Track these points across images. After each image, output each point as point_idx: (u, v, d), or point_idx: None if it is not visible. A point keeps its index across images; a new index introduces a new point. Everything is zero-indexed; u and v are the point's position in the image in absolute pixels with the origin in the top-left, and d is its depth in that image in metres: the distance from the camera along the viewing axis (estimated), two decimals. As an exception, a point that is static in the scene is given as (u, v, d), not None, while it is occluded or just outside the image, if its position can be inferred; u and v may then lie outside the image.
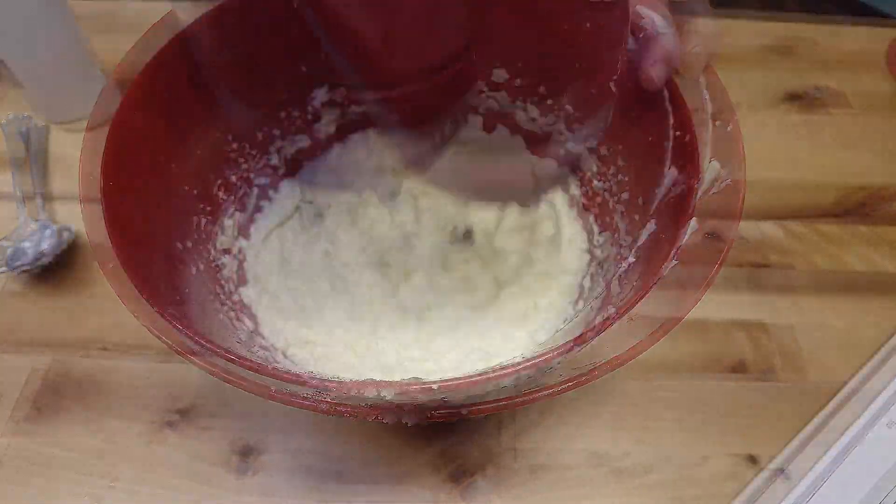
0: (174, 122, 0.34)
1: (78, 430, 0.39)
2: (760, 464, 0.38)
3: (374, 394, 0.22)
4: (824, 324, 0.44)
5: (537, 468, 0.38)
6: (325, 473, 0.38)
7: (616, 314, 0.24)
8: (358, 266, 0.41)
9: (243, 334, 0.34)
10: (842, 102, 0.58)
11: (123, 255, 0.26)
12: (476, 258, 0.42)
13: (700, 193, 0.30)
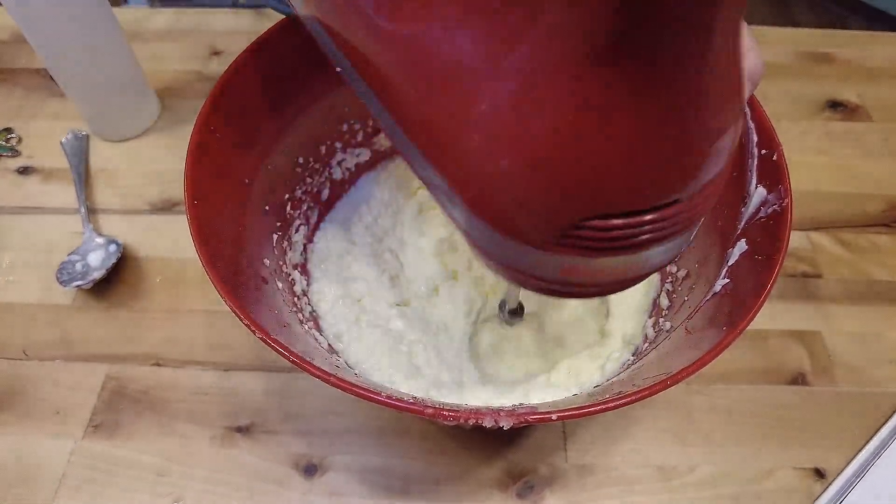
0: (248, 139, 0.34)
1: (151, 437, 0.39)
2: (827, 477, 0.38)
3: (491, 423, 0.22)
4: (881, 334, 0.44)
5: (603, 483, 0.38)
6: (391, 489, 0.37)
7: (728, 338, 0.24)
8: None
9: (324, 347, 0.34)
10: (884, 109, 0.58)
11: (218, 274, 0.26)
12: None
13: (746, 218, 0.30)
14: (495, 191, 0.18)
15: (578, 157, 0.16)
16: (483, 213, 0.18)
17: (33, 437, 0.39)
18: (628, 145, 0.16)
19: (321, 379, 0.23)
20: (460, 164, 0.18)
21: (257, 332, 0.24)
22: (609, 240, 0.18)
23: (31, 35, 0.46)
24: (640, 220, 0.17)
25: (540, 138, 0.16)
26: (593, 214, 0.17)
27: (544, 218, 0.18)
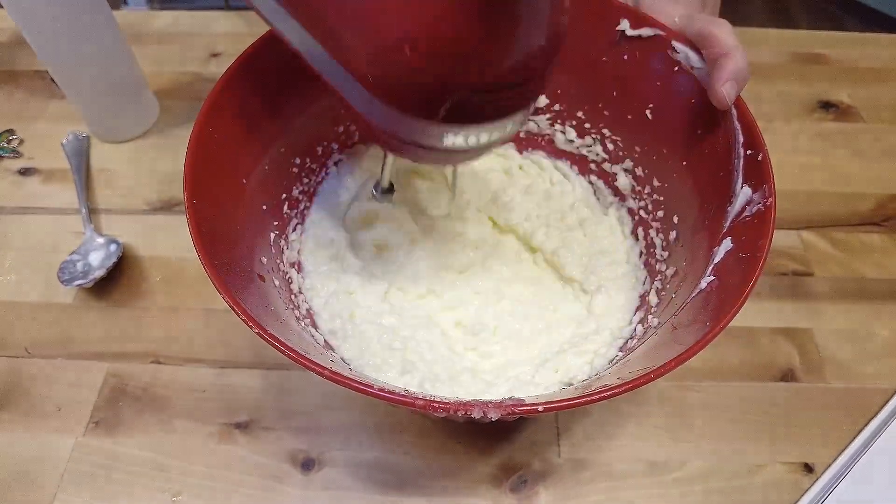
0: (245, 140, 0.35)
1: (150, 433, 0.40)
2: (816, 472, 0.39)
3: (479, 415, 0.22)
4: (870, 331, 0.45)
5: (595, 478, 0.38)
6: (387, 484, 0.38)
7: (712, 333, 0.24)
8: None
9: (321, 343, 0.35)
10: (875, 110, 0.59)
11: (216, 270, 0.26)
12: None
13: (732, 217, 0.31)
14: (390, 70, 0.22)
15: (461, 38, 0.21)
16: (379, 90, 0.23)
17: (35, 434, 0.40)
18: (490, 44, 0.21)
19: (315, 371, 0.23)
20: (359, 49, 0.23)
21: (254, 328, 0.25)
22: (479, 110, 0.24)
23: (32, 38, 0.46)
24: (500, 94, 0.24)
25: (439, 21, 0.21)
26: (468, 89, 0.23)
27: (436, 92, 0.23)
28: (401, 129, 0.25)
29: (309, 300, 0.39)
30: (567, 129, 0.44)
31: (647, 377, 0.23)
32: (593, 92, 0.41)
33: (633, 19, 0.37)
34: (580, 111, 0.42)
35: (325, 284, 0.40)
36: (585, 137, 0.44)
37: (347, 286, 0.40)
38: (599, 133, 0.42)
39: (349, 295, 0.39)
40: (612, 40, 0.38)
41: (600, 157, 0.44)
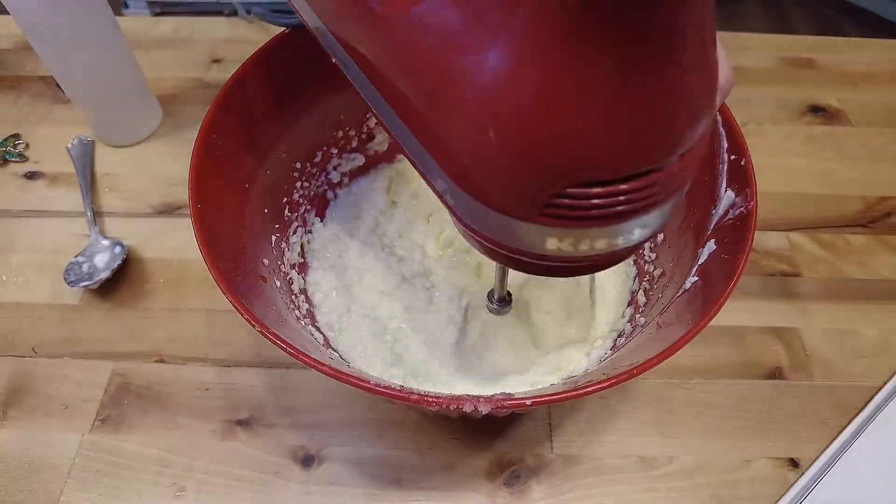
0: (247, 146, 0.36)
1: (154, 430, 0.41)
2: (801, 467, 0.40)
3: (470, 409, 0.24)
4: (855, 330, 0.46)
5: (587, 473, 0.40)
6: (384, 479, 0.39)
7: (693, 331, 0.26)
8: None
9: (321, 342, 0.36)
10: (862, 113, 0.60)
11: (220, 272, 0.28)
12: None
13: (716, 219, 0.32)
14: (478, 164, 0.19)
15: (553, 127, 0.17)
16: (468, 186, 0.20)
17: (42, 431, 0.41)
18: (599, 114, 0.17)
19: (315, 367, 0.24)
20: (446, 141, 0.19)
21: (256, 326, 0.26)
22: (589, 208, 0.18)
23: (37, 44, 0.48)
24: (617, 188, 0.18)
25: (517, 111, 0.17)
26: (572, 184, 0.18)
27: (525, 188, 0.18)
28: (492, 230, 0.21)
29: (311, 294, 0.40)
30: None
31: (629, 373, 0.24)
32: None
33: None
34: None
35: (327, 280, 0.41)
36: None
37: (347, 281, 0.41)
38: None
39: (347, 290, 0.41)
40: None
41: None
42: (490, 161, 0.18)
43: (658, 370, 0.43)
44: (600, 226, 0.19)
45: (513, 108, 0.17)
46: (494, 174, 0.19)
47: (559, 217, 0.19)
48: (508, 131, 0.17)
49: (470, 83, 0.18)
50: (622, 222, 0.19)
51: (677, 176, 0.19)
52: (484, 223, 0.21)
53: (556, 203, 0.18)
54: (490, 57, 0.17)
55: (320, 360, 0.24)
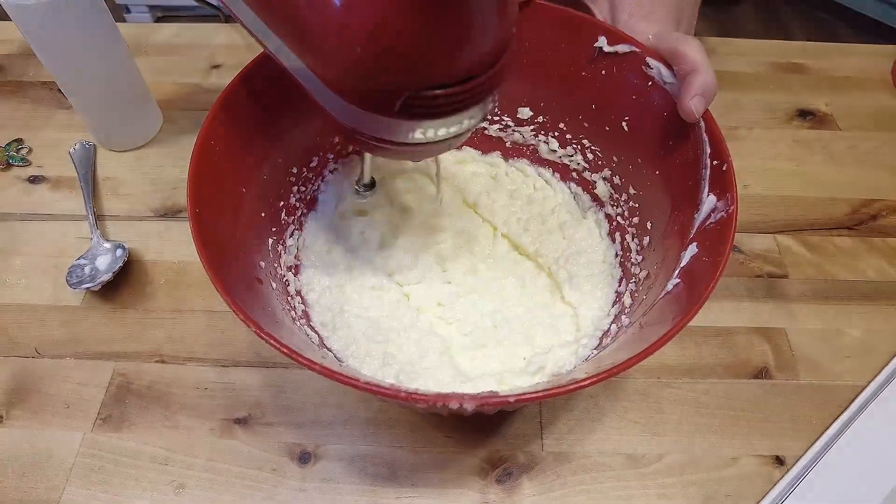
0: (244, 151, 0.37)
1: (155, 429, 0.42)
2: (787, 464, 0.41)
3: (456, 406, 0.25)
4: (841, 331, 0.47)
5: (577, 470, 0.41)
6: (379, 476, 0.40)
7: (671, 332, 0.27)
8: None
9: (315, 343, 0.37)
10: (850, 118, 0.61)
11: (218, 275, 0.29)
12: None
13: (698, 223, 0.33)
14: (350, 74, 0.25)
15: (398, 45, 0.24)
16: (343, 90, 0.26)
17: (45, 430, 0.42)
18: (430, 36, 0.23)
19: (307, 366, 0.25)
20: (324, 59, 0.26)
21: (252, 326, 0.27)
22: (432, 106, 0.26)
23: (39, 50, 0.49)
24: (452, 91, 0.25)
25: (379, 31, 0.23)
26: (420, 87, 0.25)
27: (386, 93, 0.25)
28: (367, 126, 0.27)
29: (304, 294, 0.41)
30: (550, 140, 0.46)
31: (610, 371, 0.25)
32: (574, 105, 0.43)
33: (610, 36, 0.39)
34: (562, 123, 0.45)
35: (320, 279, 0.42)
36: (567, 147, 0.46)
37: (339, 280, 0.43)
38: (580, 143, 0.45)
39: (340, 288, 0.42)
40: (591, 56, 0.40)
41: (581, 166, 0.46)
42: (358, 71, 0.25)
43: (647, 370, 0.44)
44: (442, 117, 0.27)
45: (373, 29, 0.23)
46: (362, 82, 0.25)
47: (412, 113, 0.26)
48: (370, 47, 0.24)
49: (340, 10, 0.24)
50: (456, 114, 0.27)
51: (491, 80, 0.27)
52: (358, 120, 0.27)
53: (410, 103, 0.26)
54: None
55: (312, 360, 0.25)
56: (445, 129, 0.28)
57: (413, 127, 0.27)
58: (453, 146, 0.31)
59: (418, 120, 0.27)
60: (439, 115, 0.27)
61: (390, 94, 0.25)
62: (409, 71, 0.25)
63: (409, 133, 0.27)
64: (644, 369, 0.44)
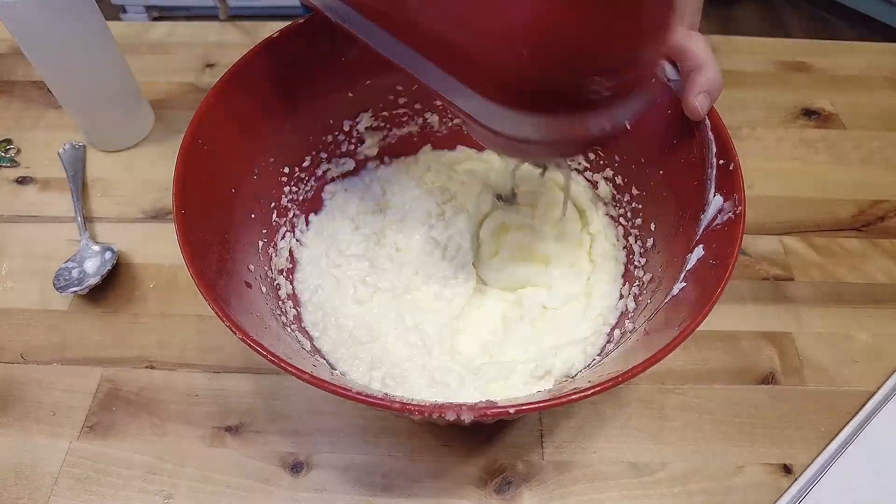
0: (234, 151, 0.36)
1: (144, 437, 0.40)
2: (794, 473, 0.40)
3: (453, 417, 0.23)
4: (848, 335, 0.46)
5: (578, 479, 0.39)
6: (374, 486, 0.39)
7: (678, 338, 0.25)
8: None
9: (307, 349, 0.36)
10: (856, 117, 0.60)
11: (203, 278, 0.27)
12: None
13: (704, 225, 0.32)
14: (517, 77, 0.24)
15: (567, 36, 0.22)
16: (507, 97, 0.25)
17: (30, 438, 0.40)
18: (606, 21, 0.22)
19: (295, 375, 0.24)
20: (478, 66, 0.24)
21: (237, 333, 0.26)
22: (602, 91, 0.24)
23: (29, 49, 0.48)
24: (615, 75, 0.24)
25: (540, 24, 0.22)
26: (590, 73, 0.23)
27: (554, 87, 0.24)
28: (521, 129, 0.26)
29: (298, 292, 0.40)
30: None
31: (615, 380, 0.24)
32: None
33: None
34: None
35: (315, 277, 0.41)
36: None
37: (335, 278, 0.42)
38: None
39: (336, 281, 0.41)
40: None
41: (582, 166, 0.45)
42: (526, 72, 0.23)
43: (650, 375, 0.43)
44: (619, 103, 0.25)
45: (534, 29, 0.22)
46: (530, 84, 0.24)
47: (591, 101, 0.24)
48: (537, 47, 0.22)
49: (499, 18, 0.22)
50: (623, 102, 0.26)
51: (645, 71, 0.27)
52: (512, 125, 0.26)
53: (587, 88, 0.24)
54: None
55: (302, 369, 0.24)
56: (608, 120, 0.27)
57: (574, 121, 0.26)
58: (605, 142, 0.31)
59: (586, 112, 0.25)
60: (601, 105, 0.25)
61: (560, 92, 0.24)
62: (577, 63, 0.23)
63: (561, 129, 0.26)
64: (647, 375, 0.43)
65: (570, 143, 0.28)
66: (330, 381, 0.24)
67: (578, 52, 0.23)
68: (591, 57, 0.23)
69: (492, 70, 0.24)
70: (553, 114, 0.25)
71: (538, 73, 0.23)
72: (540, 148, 0.29)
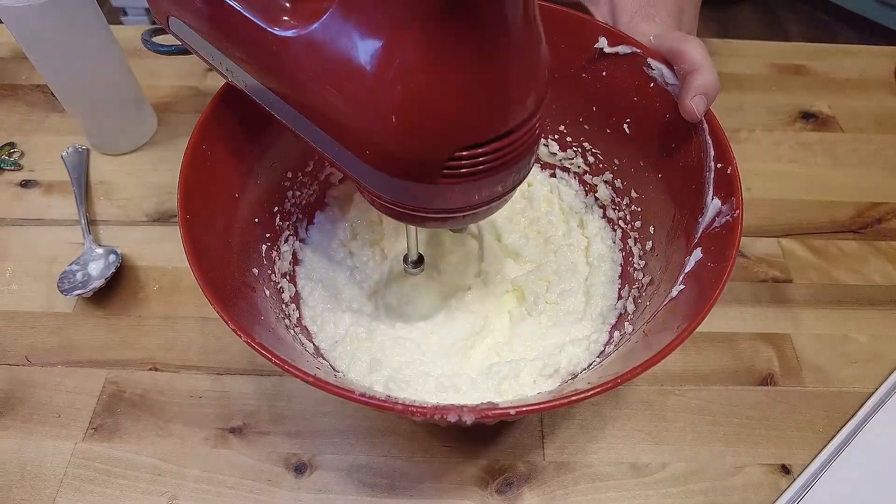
0: (237, 155, 0.36)
1: (148, 438, 0.41)
2: (793, 473, 0.40)
3: (455, 419, 0.24)
4: (846, 336, 0.46)
5: (579, 480, 0.40)
6: (377, 487, 0.39)
7: (677, 340, 0.26)
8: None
9: (310, 351, 0.36)
10: (853, 120, 0.61)
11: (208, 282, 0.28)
12: None
13: (703, 228, 0.33)
14: (386, 145, 0.24)
15: (437, 109, 0.23)
16: (378, 163, 0.25)
17: (35, 440, 0.41)
18: (465, 97, 0.23)
19: (300, 378, 0.25)
20: (354, 132, 0.25)
21: (242, 336, 0.26)
22: (475, 165, 0.25)
23: (32, 53, 0.48)
24: (493, 146, 0.25)
25: (412, 100, 0.23)
26: (459, 148, 0.24)
27: (426, 156, 0.25)
28: (410, 197, 0.27)
29: (301, 296, 0.40)
30: (550, 143, 0.46)
31: (614, 381, 0.24)
32: (574, 107, 0.42)
33: (611, 37, 0.38)
34: (562, 125, 0.44)
35: (318, 280, 0.42)
36: (567, 150, 0.45)
37: (335, 278, 0.43)
38: (580, 146, 0.44)
39: (334, 296, 0.41)
40: (591, 57, 0.39)
41: (581, 169, 0.45)
42: (395, 141, 0.24)
43: (650, 377, 0.44)
44: (488, 176, 0.26)
45: (406, 99, 0.23)
46: (399, 151, 0.25)
47: (454, 176, 0.25)
48: (406, 116, 0.23)
49: (371, 84, 0.23)
50: (500, 172, 0.26)
51: (531, 133, 0.26)
52: (391, 189, 0.27)
53: (450, 165, 0.25)
54: (384, 65, 0.23)
55: (305, 370, 0.25)
56: (490, 188, 0.27)
57: (456, 191, 0.26)
58: (496, 209, 0.30)
59: (464, 182, 0.26)
60: (483, 175, 0.26)
61: (431, 160, 0.25)
62: (448, 133, 0.24)
63: (452, 198, 0.27)
64: (647, 377, 0.44)
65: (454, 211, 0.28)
66: (334, 383, 0.24)
67: (440, 127, 0.24)
68: (453, 133, 0.24)
69: (365, 137, 0.25)
70: (429, 181, 0.25)
71: (406, 143, 0.24)
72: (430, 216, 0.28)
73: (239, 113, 0.36)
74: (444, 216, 0.29)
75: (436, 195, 0.26)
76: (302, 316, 0.40)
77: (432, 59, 0.22)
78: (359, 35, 0.23)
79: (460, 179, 0.25)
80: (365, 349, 0.39)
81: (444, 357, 0.39)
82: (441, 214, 0.28)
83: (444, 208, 0.28)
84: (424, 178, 0.25)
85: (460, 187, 0.26)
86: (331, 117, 0.26)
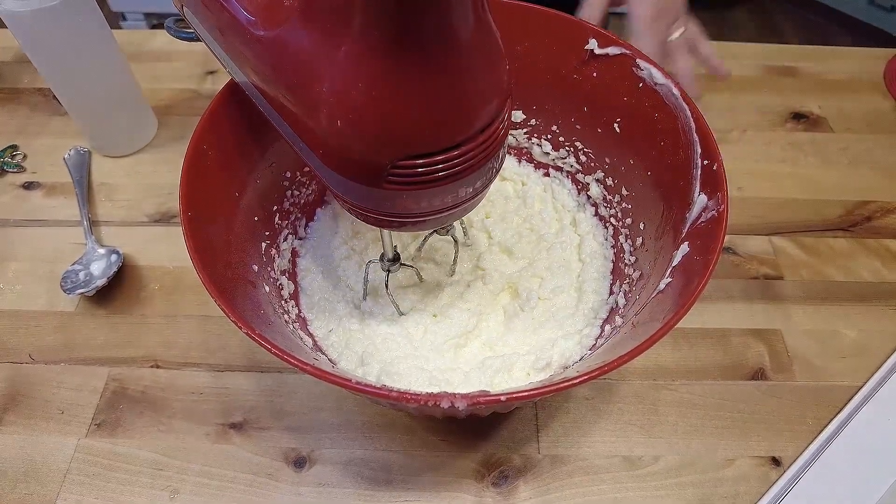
0: (237, 156, 0.37)
1: (149, 434, 0.42)
2: (783, 465, 0.41)
3: (448, 405, 0.25)
4: (836, 331, 0.47)
5: (573, 472, 0.40)
6: (375, 480, 0.40)
7: (661, 331, 0.27)
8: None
9: (309, 346, 0.37)
10: (843, 120, 0.62)
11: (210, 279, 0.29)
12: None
13: (690, 223, 0.33)
14: (334, 146, 0.26)
15: (380, 117, 0.24)
16: (331, 164, 0.26)
17: (39, 436, 0.41)
18: (412, 107, 0.23)
19: (298, 367, 0.25)
20: (312, 130, 0.26)
21: (243, 328, 0.27)
22: (418, 175, 0.25)
23: (35, 57, 0.49)
24: (434, 159, 0.25)
25: (360, 106, 0.24)
26: (402, 157, 0.25)
27: (370, 162, 0.25)
28: (363, 199, 0.28)
29: (301, 292, 0.41)
30: (543, 143, 0.47)
31: (601, 369, 0.25)
32: (566, 107, 0.43)
33: (601, 39, 0.39)
34: (554, 125, 0.45)
35: (316, 277, 0.43)
36: (560, 150, 0.46)
37: (335, 270, 0.44)
38: (572, 146, 0.45)
39: (337, 281, 0.42)
40: (582, 59, 0.40)
41: (574, 168, 0.46)
42: (341, 143, 0.25)
43: (642, 371, 0.44)
44: (429, 188, 0.26)
45: (353, 105, 0.24)
46: (346, 153, 0.26)
47: (398, 183, 0.26)
48: (351, 121, 0.24)
49: (323, 88, 0.24)
50: (447, 184, 0.26)
51: (482, 148, 0.26)
52: (347, 190, 0.28)
53: (394, 172, 0.25)
54: (335, 69, 0.23)
55: (304, 361, 0.25)
56: (441, 198, 0.27)
57: (406, 197, 0.27)
58: (457, 217, 0.30)
59: (408, 189, 0.26)
60: (428, 185, 0.26)
61: (374, 165, 0.25)
62: (389, 142, 0.24)
63: (404, 204, 0.27)
64: (640, 371, 0.44)
65: (409, 216, 0.29)
66: (331, 371, 0.25)
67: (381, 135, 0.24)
68: (394, 142, 0.24)
69: (320, 137, 0.26)
70: (376, 185, 0.26)
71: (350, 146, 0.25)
72: (385, 218, 0.29)
73: (239, 114, 0.36)
74: (400, 220, 0.29)
75: (384, 199, 0.27)
76: (300, 311, 0.41)
77: (376, 70, 0.22)
78: (311, 42, 0.24)
79: (405, 187, 0.26)
80: (357, 341, 0.40)
81: (438, 352, 0.40)
82: (396, 218, 0.29)
83: (396, 213, 0.28)
84: (371, 182, 0.26)
85: (408, 194, 0.26)
86: (295, 116, 0.27)
